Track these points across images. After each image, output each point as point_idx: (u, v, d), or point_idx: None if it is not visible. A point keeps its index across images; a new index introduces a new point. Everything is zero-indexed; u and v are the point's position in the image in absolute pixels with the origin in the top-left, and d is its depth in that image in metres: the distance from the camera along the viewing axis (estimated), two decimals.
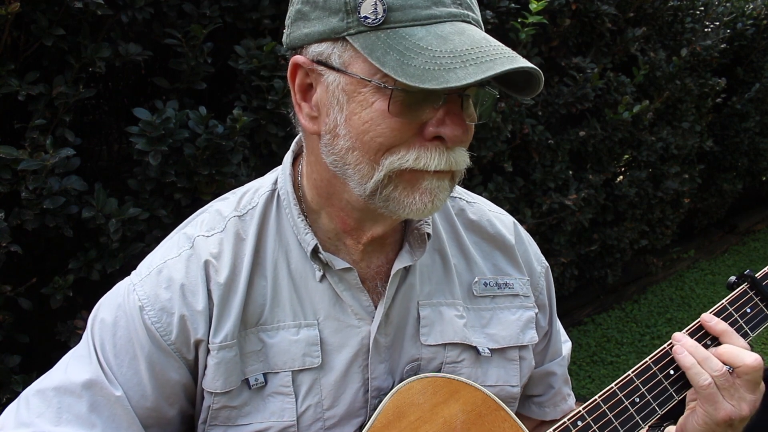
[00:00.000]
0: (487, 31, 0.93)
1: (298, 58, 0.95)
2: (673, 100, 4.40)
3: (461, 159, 0.95)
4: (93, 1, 1.88)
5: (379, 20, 0.86)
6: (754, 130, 5.25)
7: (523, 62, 0.85)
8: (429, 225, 1.11)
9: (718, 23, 4.51)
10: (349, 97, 0.91)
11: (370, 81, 0.88)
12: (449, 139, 0.91)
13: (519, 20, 3.04)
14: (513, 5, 3.04)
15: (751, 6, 4.97)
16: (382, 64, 0.85)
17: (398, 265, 1.08)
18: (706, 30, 4.42)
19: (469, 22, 0.90)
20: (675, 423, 1.19)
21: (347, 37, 0.89)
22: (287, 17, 0.99)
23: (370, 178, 0.93)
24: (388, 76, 0.86)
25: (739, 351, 1.12)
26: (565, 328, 1.37)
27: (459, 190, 1.25)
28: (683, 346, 1.15)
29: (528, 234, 1.30)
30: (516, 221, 1.28)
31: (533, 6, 2.95)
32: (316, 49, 0.93)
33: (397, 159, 0.91)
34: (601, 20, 3.64)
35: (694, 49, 4.30)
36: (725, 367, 1.11)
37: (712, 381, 1.10)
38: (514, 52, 0.87)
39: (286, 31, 0.99)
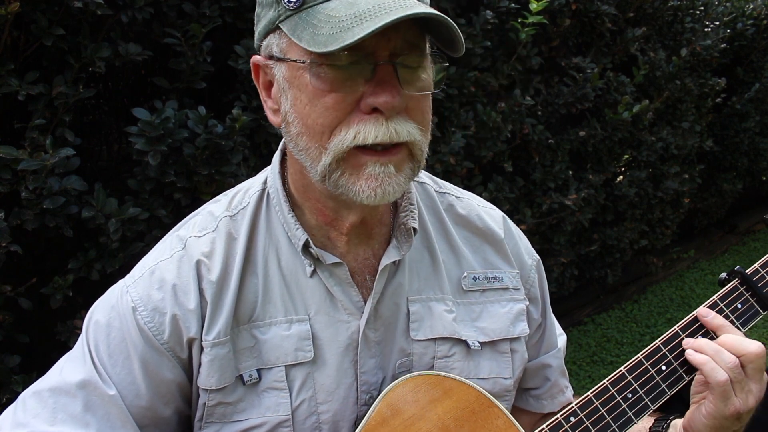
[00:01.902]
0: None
1: (255, 57, 1.01)
2: (673, 100, 4.40)
3: (403, 129, 0.92)
4: (93, 1, 1.88)
5: (300, 1, 0.91)
6: (754, 130, 5.25)
7: (419, 9, 0.84)
8: (415, 220, 1.12)
9: (718, 23, 4.51)
10: (290, 83, 0.95)
11: (297, 61, 0.92)
12: (383, 107, 0.90)
13: (519, 20, 3.04)
14: (513, 5, 3.04)
15: (751, 6, 4.97)
16: (300, 39, 0.89)
17: (386, 260, 1.09)
18: (706, 30, 4.43)
19: None
20: (681, 416, 1.19)
21: (279, 25, 0.93)
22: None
23: (318, 162, 0.95)
24: (312, 54, 0.89)
25: (741, 339, 1.12)
26: (565, 328, 1.38)
27: (448, 186, 1.26)
28: (693, 346, 1.15)
29: (518, 228, 1.31)
30: (505, 215, 1.29)
31: (533, 6, 2.95)
32: (264, 44, 0.99)
33: (340, 140, 0.92)
34: (601, 20, 3.64)
35: (694, 49, 4.31)
36: (737, 359, 1.10)
37: (728, 377, 1.09)
38: (421, 4, 0.88)
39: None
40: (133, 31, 2.13)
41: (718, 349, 1.12)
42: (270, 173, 1.13)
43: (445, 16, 0.87)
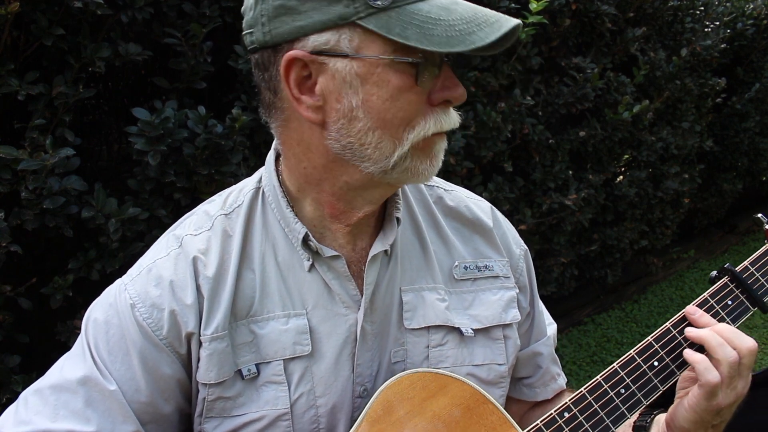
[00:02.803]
0: None
1: (296, 52, 0.96)
2: (673, 100, 4.40)
3: (457, 118, 1.05)
4: (93, 1, 1.88)
5: (390, 0, 0.93)
6: (754, 130, 5.25)
7: (512, 21, 0.96)
8: (399, 210, 1.15)
9: (718, 23, 4.51)
10: (362, 80, 0.95)
11: (387, 58, 0.94)
12: (456, 98, 1.00)
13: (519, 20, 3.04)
14: (513, 5, 3.04)
15: (751, 6, 4.97)
16: (406, 38, 0.91)
17: (373, 251, 1.11)
18: (706, 30, 4.42)
19: None
20: (665, 410, 1.19)
21: (357, 22, 0.93)
22: (257, 15, 0.98)
23: (392, 154, 0.98)
24: (406, 52, 0.93)
25: (738, 333, 1.13)
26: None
27: (437, 180, 1.28)
28: (696, 337, 1.15)
29: (506, 218, 1.33)
30: (493, 206, 1.32)
31: (533, 6, 2.95)
32: (317, 40, 0.95)
33: (420, 130, 0.98)
34: (601, 20, 3.64)
35: (694, 49, 4.30)
36: (738, 354, 1.10)
37: (720, 379, 1.10)
38: (499, 13, 0.98)
39: (258, 29, 0.98)
40: (133, 31, 2.13)
41: (722, 343, 1.12)
42: (265, 172, 1.15)
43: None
